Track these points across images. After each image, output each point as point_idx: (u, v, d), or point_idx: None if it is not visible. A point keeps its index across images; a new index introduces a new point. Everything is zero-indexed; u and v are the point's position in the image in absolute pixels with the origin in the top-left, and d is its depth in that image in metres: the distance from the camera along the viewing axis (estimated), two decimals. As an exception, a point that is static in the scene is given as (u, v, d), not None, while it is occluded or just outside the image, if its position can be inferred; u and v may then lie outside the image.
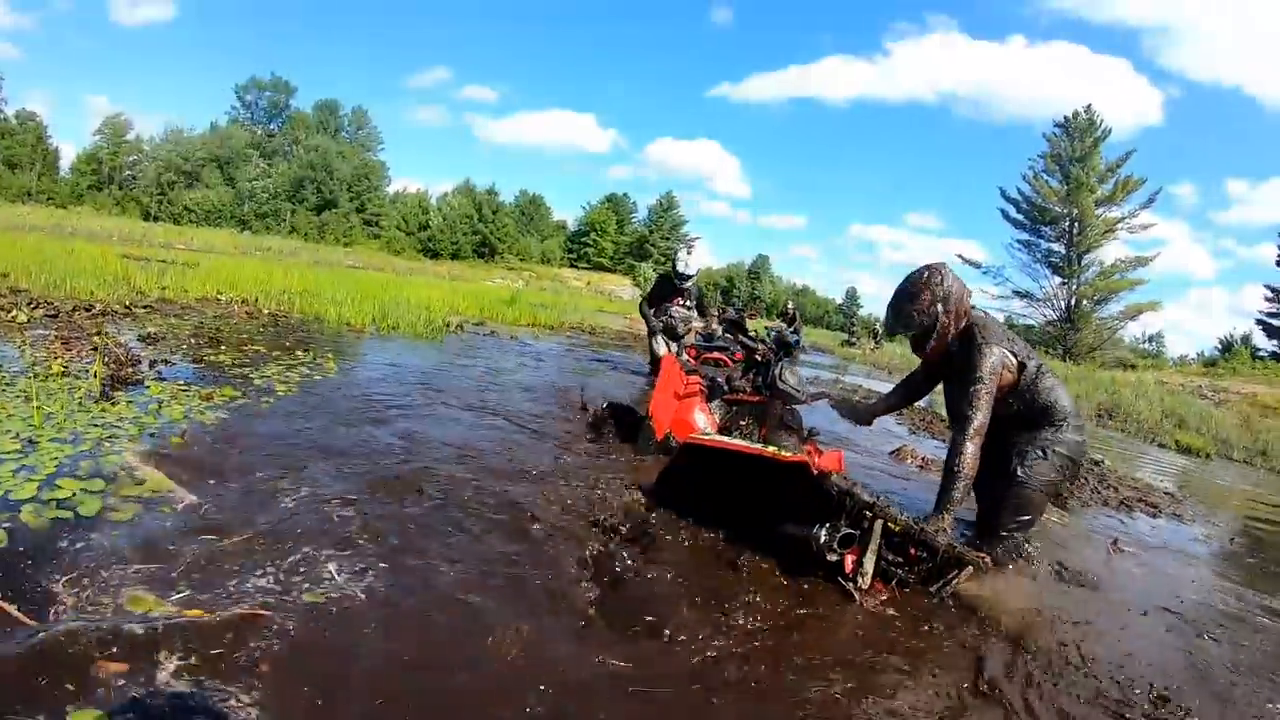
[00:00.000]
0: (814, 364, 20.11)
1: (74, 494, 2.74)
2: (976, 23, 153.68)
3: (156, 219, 60.85)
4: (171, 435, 3.63)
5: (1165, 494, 7.73)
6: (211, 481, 3.11)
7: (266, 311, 9.81)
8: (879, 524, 3.10)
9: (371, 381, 6.11)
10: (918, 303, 3.78)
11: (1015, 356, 3.81)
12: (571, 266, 78.92)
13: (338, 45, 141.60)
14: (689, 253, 8.73)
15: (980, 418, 3.55)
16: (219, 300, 10.13)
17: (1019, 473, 3.82)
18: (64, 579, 2.15)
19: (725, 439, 3.86)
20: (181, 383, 4.78)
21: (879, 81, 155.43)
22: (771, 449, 3.46)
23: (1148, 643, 3.24)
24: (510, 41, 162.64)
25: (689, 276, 8.66)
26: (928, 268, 3.85)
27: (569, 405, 6.31)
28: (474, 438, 4.69)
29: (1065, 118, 49.78)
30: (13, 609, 1.94)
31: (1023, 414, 3.87)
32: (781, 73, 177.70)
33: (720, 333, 8.59)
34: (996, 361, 3.67)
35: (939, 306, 3.75)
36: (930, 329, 3.80)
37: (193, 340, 6.53)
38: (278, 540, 2.64)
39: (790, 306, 22.26)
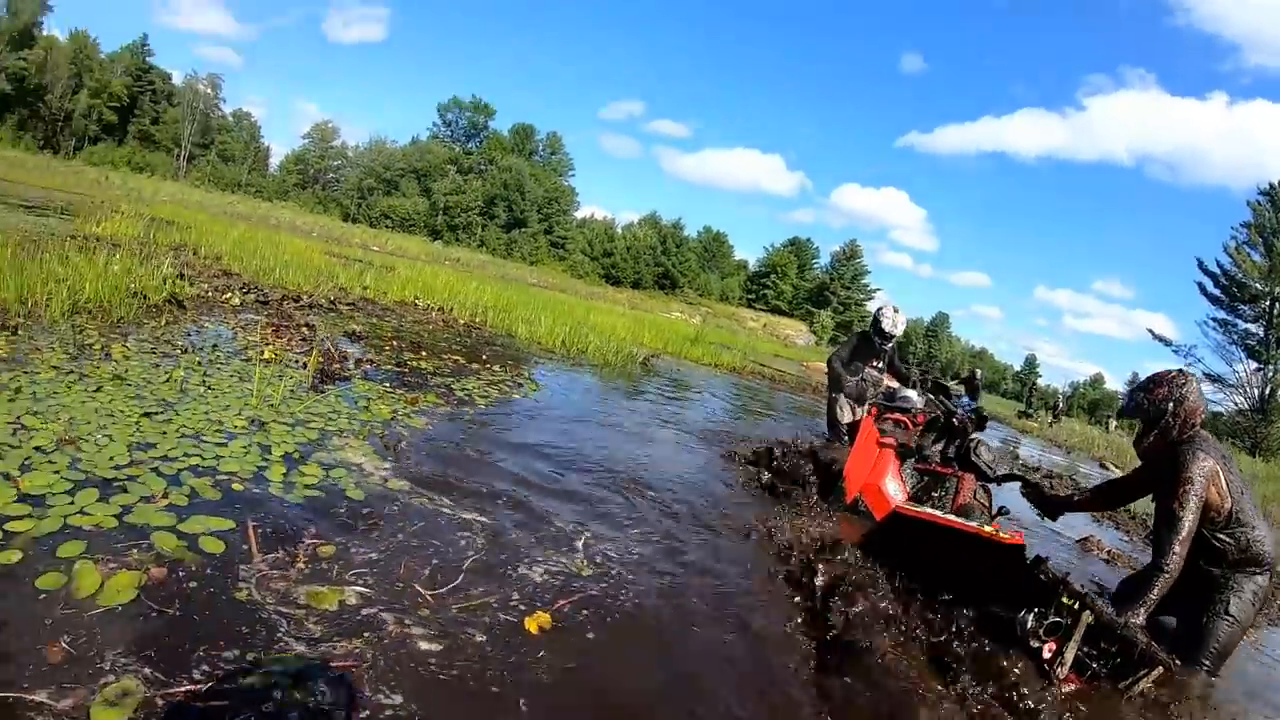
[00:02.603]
0: (987, 435, 19.03)
1: (319, 479, 3.00)
2: (1175, 78, 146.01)
3: (355, 220, 64.71)
4: (388, 439, 3.75)
5: None
6: (427, 488, 3.21)
7: (461, 322, 10.12)
8: (1085, 616, 3.03)
9: (567, 406, 6.17)
10: (1153, 394, 3.83)
11: (1226, 483, 3.68)
12: (749, 306, 78.85)
13: (537, 72, 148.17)
14: (896, 312, 8.08)
15: (1189, 520, 3.47)
16: (416, 305, 10.50)
17: (1233, 609, 3.72)
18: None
19: (938, 512, 3.81)
20: (386, 385, 4.93)
21: (1072, 137, 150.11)
22: (989, 528, 3.42)
23: None
24: (703, 79, 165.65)
25: (893, 337, 7.98)
26: (1178, 370, 3.91)
27: (759, 455, 6.06)
28: (668, 482, 4.62)
29: (1271, 185, 45.72)
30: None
31: (1233, 553, 3.74)
32: (971, 124, 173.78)
33: (916, 396, 8.14)
34: (1209, 469, 3.59)
35: (1170, 405, 3.76)
36: (1155, 422, 3.80)
37: (394, 343, 6.78)
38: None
39: (975, 372, 21.17)
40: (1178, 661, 3.12)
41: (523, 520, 3.14)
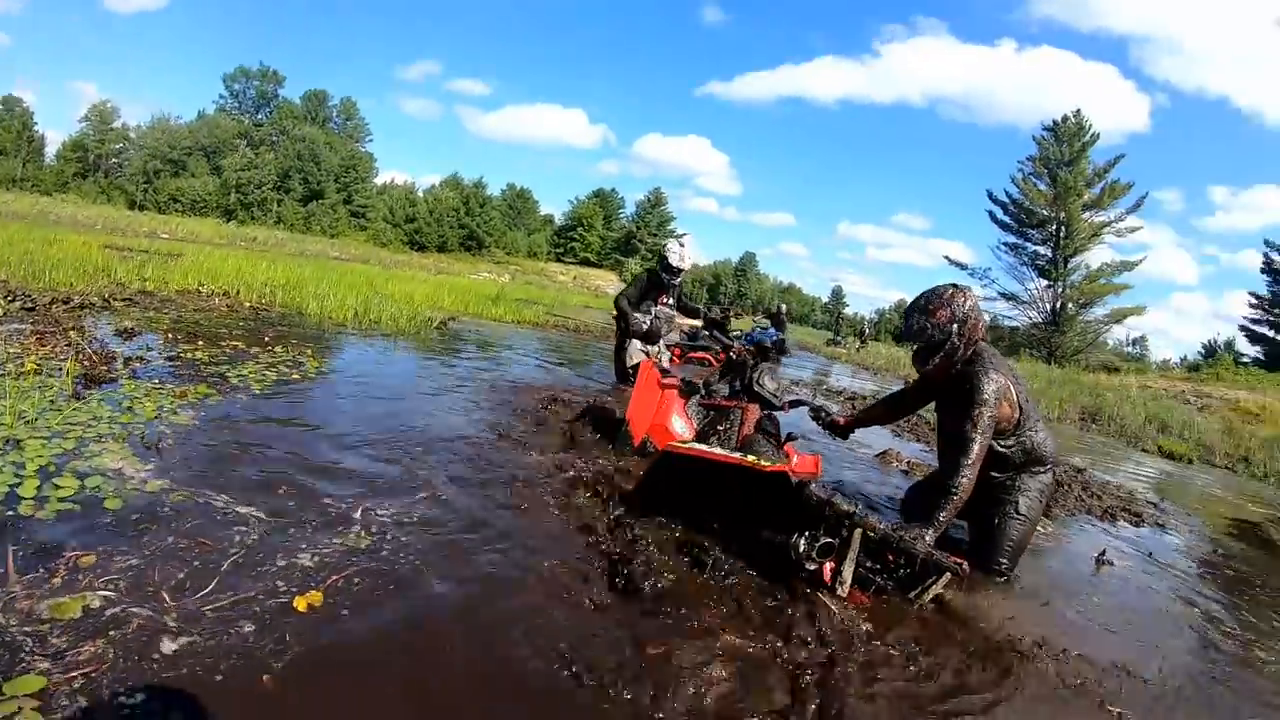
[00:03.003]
0: (799, 365, 20.02)
1: (75, 490, 2.83)
2: (966, 26, 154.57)
3: (142, 207, 60.64)
4: (149, 439, 3.59)
5: (1149, 502, 7.74)
6: (192, 485, 3.10)
7: (248, 305, 9.70)
8: (858, 533, 3.11)
9: (350, 381, 6.06)
10: (935, 318, 3.83)
11: (1016, 395, 3.87)
12: (558, 261, 79.01)
13: (327, 36, 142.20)
14: (682, 245, 8.08)
15: (981, 441, 3.57)
16: (200, 293, 9.99)
17: (1022, 509, 3.98)
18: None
19: (704, 447, 3.82)
20: (156, 381, 4.71)
21: (869, 83, 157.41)
22: (751, 458, 3.44)
23: (1129, 656, 3.26)
24: (501, 35, 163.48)
25: (680, 271, 7.99)
26: (952, 286, 3.95)
27: (549, 407, 6.21)
28: (452, 442, 4.64)
29: (1054, 121, 50.34)
30: None
31: (1019, 457, 3.98)
32: (771, 72, 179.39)
33: (702, 331, 8.45)
34: (1000, 388, 3.70)
35: (954, 326, 3.79)
36: (940, 346, 3.83)
37: (169, 335, 6.44)
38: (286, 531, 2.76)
39: (780, 306, 22.15)
40: (964, 565, 3.21)
41: (295, 505, 3.08)
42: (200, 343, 6.26)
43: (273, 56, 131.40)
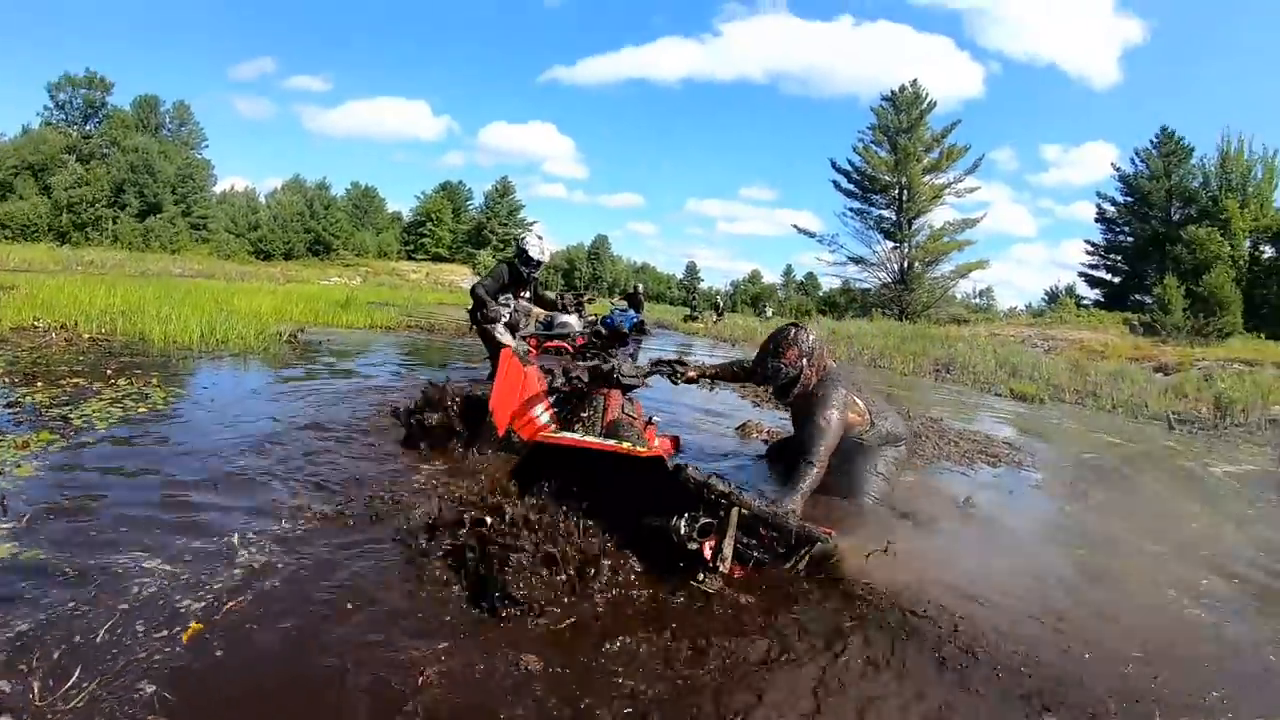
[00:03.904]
0: (659, 345, 20.33)
1: None
2: (805, 3, 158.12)
3: (-32, 237, 56.61)
4: None
5: (1004, 443, 8.28)
6: (44, 544, 3.04)
7: (87, 336, 9.36)
8: (735, 512, 3.29)
9: (199, 409, 5.97)
10: (785, 359, 4.43)
11: (861, 403, 4.52)
12: (409, 259, 77.16)
13: (154, 35, 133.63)
14: (541, 239, 8.06)
15: (818, 472, 3.98)
16: (36, 328, 9.57)
17: (881, 469, 4.63)
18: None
19: (577, 435, 4.00)
20: None
21: (710, 62, 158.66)
22: (626, 445, 3.62)
23: (999, 597, 3.59)
24: (338, 28, 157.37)
25: (540, 264, 7.98)
26: (793, 326, 4.57)
27: (409, 412, 6.01)
28: (310, 459, 4.70)
29: (892, 91, 52.45)
30: None
31: (876, 440, 4.61)
32: (614, 55, 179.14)
33: (575, 321, 8.54)
34: (841, 415, 4.22)
35: (803, 361, 4.42)
36: (795, 380, 4.44)
37: (5, 379, 6.24)
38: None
39: (636, 287, 22.40)
40: (831, 534, 3.44)
41: (159, 545, 3.08)
42: (39, 384, 6.08)
43: (99, 60, 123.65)
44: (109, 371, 6.93)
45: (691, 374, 5.12)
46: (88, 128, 69.96)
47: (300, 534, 3.42)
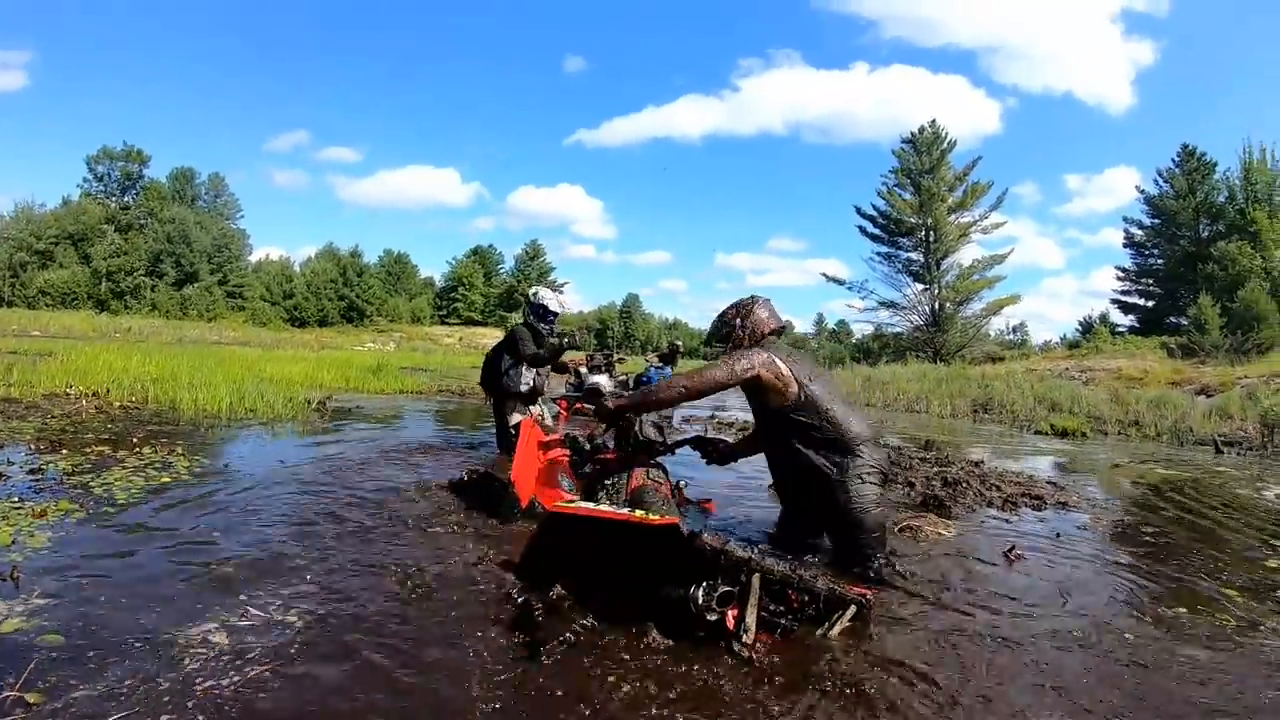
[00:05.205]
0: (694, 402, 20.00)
1: None
2: (819, 54, 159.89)
3: (10, 304, 57.81)
4: (4, 571, 3.35)
5: (1048, 484, 7.88)
6: (52, 619, 2.92)
7: (118, 404, 9.41)
8: (756, 578, 3.09)
9: (223, 477, 5.84)
10: (724, 315, 4.72)
11: (789, 370, 4.30)
12: (442, 323, 78.40)
13: (191, 110, 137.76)
14: (556, 292, 7.94)
15: (711, 376, 4.28)
16: (68, 395, 9.67)
17: (853, 510, 4.19)
18: None
19: (590, 505, 3.81)
20: (15, 500, 4.51)
21: (730, 117, 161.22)
22: (639, 512, 3.43)
23: (1049, 659, 3.22)
24: (368, 100, 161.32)
25: (556, 315, 7.75)
26: (751, 295, 4.76)
27: (426, 483, 6.09)
28: (334, 527, 4.61)
29: (911, 134, 52.42)
30: None
31: (821, 448, 4.27)
32: (636, 115, 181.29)
33: (606, 381, 8.37)
34: (752, 358, 4.28)
35: (737, 320, 4.60)
36: (726, 337, 4.63)
37: (33, 445, 6.24)
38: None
39: (674, 343, 22.27)
40: (868, 596, 3.30)
41: (164, 628, 2.92)
42: (65, 450, 6.07)
43: (136, 135, 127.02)
44: (135, 440, 6.89)
45: (718, 450, 5.16)
46: (125, 199, 72.01)
47: (319, 613, 3.29)
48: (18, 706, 2.25)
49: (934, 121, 52.06)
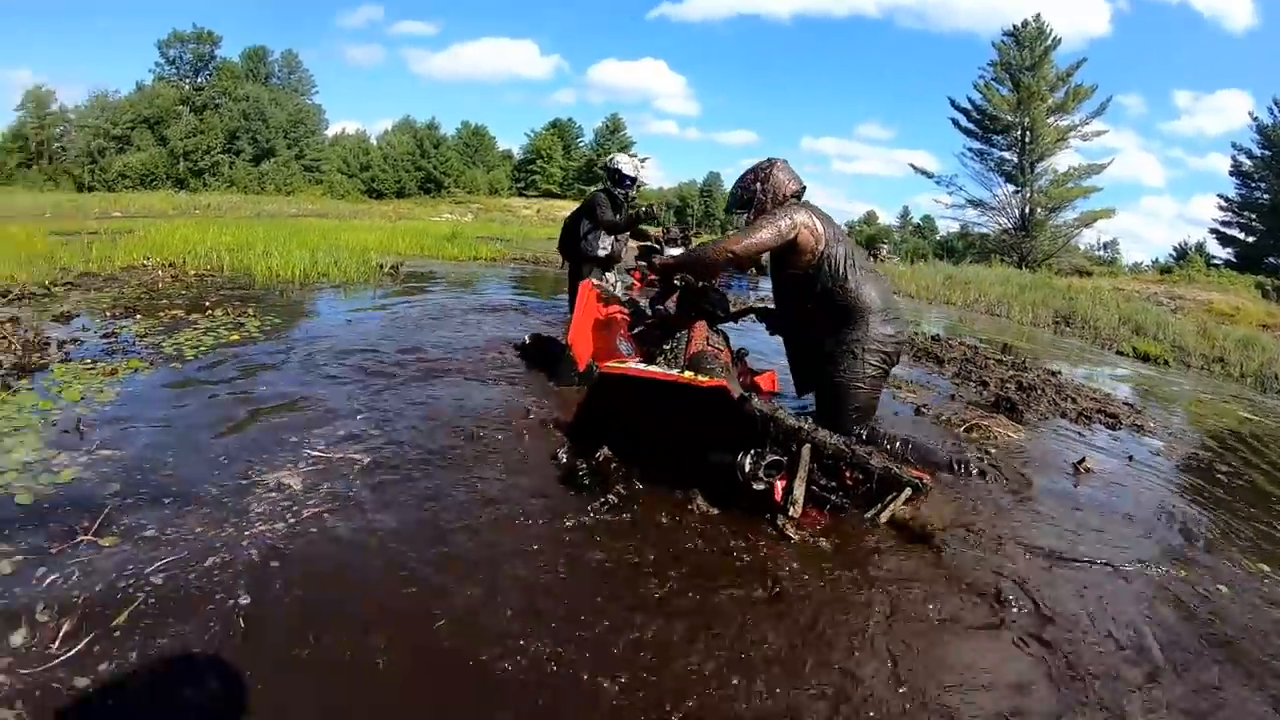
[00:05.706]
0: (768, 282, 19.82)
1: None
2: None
3: (91, 189, 58.77)
4: (66, 424, 3.43)
5: (1125, 404, 7.56)
6: (112, 469, 2.96)
7: (193, 273, 9.47)
8: (807, 449, 2.97)
9: (292, 335, 5.96)
10: (743, 180, 4.52)
11: (822, 228, 4.15)
12: (520, 195, 78.03)
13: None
14: (632, 157, 7.73)
15: (749, 240, 4.09)
16: (145, 267, 9.73)
17: (835, 377, 4.09)
18: None
19: (640, 366, 3.68)
20: (89, 361, 4.56)
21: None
22: (689, 374, 3.28)
23: (1111, 581, 3.03)
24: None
25: (636, 182, 7.62)
26: (768, 159, 4.54)
27: (490, 343, 6.16)
28: (397, 389, 4.53)
29: (1015, 26, 49.37)
30: None
31: (827, 314, 4.13)
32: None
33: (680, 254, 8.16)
34: (794, 216, 4.12)
35: (758, 185, 4.40)
36: (750, 203, 4.43)
37: (109, 313, 6.26)
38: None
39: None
40: (925, 479, 3.13)
41: (221, 478, 2.94)
42: (139, 316, 6.12)
43: (206, 17, 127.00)
44: (208, 304, 6.94)
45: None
46: (199, 80, 71.91)
47: (384, 461, 3.26)
48: (90, 549, 2.34)
49: (1039, 16, 48.94)
